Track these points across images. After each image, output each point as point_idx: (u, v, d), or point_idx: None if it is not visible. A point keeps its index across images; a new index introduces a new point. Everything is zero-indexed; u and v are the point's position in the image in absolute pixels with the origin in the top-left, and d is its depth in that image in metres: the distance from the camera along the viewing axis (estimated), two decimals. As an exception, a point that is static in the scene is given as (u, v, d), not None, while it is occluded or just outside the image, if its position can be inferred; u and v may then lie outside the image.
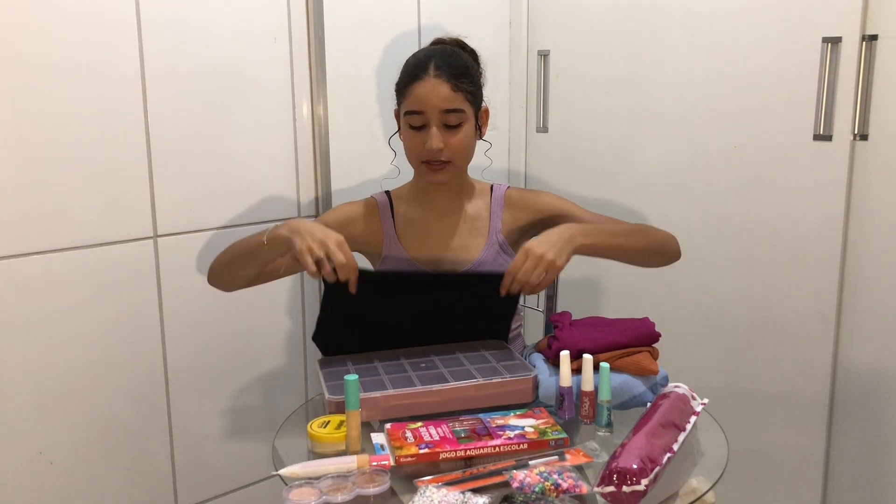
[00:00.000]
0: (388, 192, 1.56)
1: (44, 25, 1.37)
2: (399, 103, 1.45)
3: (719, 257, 1.83)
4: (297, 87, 1.72)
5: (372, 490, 1.04)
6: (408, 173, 1.55)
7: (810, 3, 1.62)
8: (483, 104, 1.47)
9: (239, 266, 1.41)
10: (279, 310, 1.76)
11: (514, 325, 1.61)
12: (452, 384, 1.26)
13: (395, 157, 1.56)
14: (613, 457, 1.04)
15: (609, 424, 1.22)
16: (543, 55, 2.07)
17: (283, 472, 1.08)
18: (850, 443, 1.71)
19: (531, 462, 1.09)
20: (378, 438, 1.17)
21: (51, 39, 1.38)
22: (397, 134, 1.50)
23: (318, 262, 1.24)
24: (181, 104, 1.55)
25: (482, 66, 1.50)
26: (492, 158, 1.67)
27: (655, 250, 1.46)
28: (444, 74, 1.38)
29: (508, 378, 1.28)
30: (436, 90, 1.37)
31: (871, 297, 1.65)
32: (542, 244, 1.29)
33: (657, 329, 1.35)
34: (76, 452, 1.50)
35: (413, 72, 1.40)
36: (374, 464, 1.09)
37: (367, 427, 1.22)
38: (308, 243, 1.24)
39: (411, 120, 1.40)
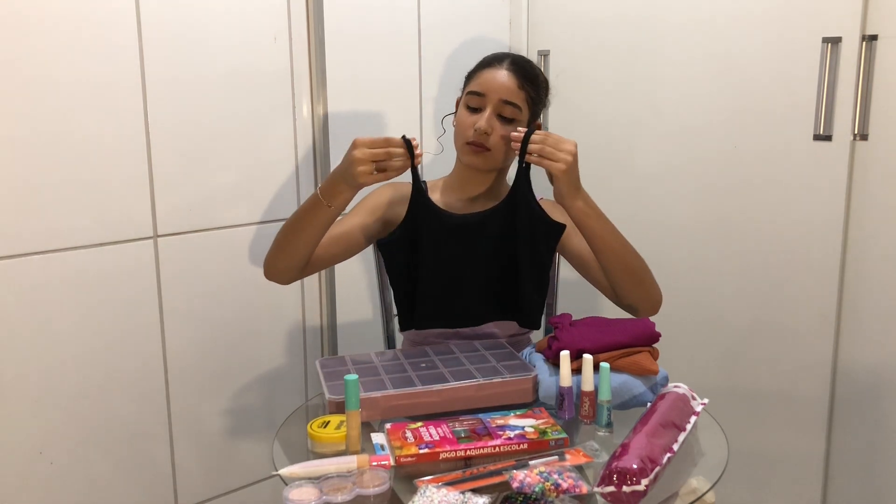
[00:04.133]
0: (424, 182, 1.56)
1: (44, 26, 1.36)
2: (464, 88, 1.50)
3: (719, 257, 1.83)
4: (297, 87, 1.72)
5: (372, 490, 1.04)
6: (448, 161, 1.55)
7: (810, 3, 1.62)
8: (538, 119, 1.52)
9: (298, 234, 1.38)
10: (279, 310, 1.76)
11: (524, 330, 1.61)
12: (452, 384, 1.26)
13: (444, 134, 1.56)
14: (613, 457, 1.04)
15: (609, 424, 1.22)
16: (543, 55, 2.07)
17: (283, 472, 1.08)
18: (850, 443, 1.71)
19: (531, 462, 1.09)
20: (378, 438, 1.17)
21: (51, 39, 1.37)
22: (450, 116, 1.54)
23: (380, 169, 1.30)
24: (181, 104, 1.55)
25: (550, 94, 1.55)
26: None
27: (639, 277, 1.42)
28: (514, 70, 1.45)
29: (508, 378, 1.28)
30: (503, 79, 1.44)
31: (871, 297, 1.65)
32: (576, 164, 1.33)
33: (657, 329, 1.35)
34: (76, 452, 1.50)
35: (489, 61, 1.48)
36: (374, 464, 1.09)
37: (367, 427, 1.22)
38: (358, 174, 1.28)
39: (470, 100, 1.45)
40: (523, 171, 1.39)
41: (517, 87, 1.43)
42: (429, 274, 1.43)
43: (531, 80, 1.46)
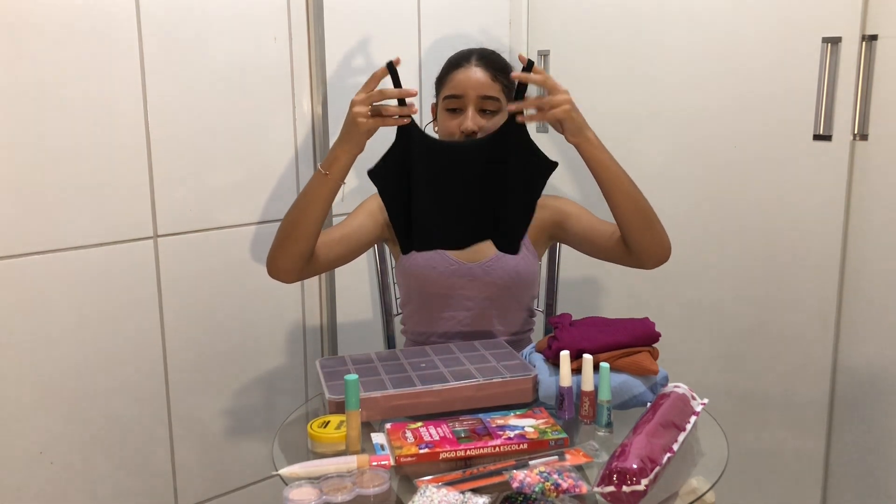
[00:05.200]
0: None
1: (44, 26, 1.36)
2: (438, 93, 1.52)
3: (719, 257, 1.83)
4: (297, 87, 1.72)
5: (372, 490, 1.04)
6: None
7: (810, 3, 1.62)
8: None
9: (299, 214, 1.37)
10: (279, 310, 1.76)
11: (526, 329, 1.61)
12: (452, 384, 1.26)
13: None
14: (613, 457, 1.04)
15: (609, 424, 1.22)
16: (543, 55, 2.07)
17: (283, 472, 1.08)
18: (850, 443, 1.71)
19: (531, 462, 1.09)
20: (378, 438, 1.17)
21: (51, 39, 1.37)
22: (431, 124, 1.54)
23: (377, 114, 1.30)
24: (181, 104, 1.55)
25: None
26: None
27: (649, 221, 1.41)
28: (483, 65, 1.47)
29: (508, 378, 1.28)
30: (476, 76, 1.46)
31: (871, 298, 1.65)
32: (574, 105, 1.33)
33: (657, 329, 1.34)
34: (76, 452, 1.50)
35: (456, 61, 1.49)
36: (374, 464, 1.09)
37: (367, 427, 1.22)
38: (355, 119, 1.29)
39: (449, 104, 1.47)
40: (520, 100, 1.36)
41: (491, 80, 1.45)
42: (419, 194, 1.38)
43: (502, 69, 1.48)
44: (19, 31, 1.34)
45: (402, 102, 1.32)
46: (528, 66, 1.34)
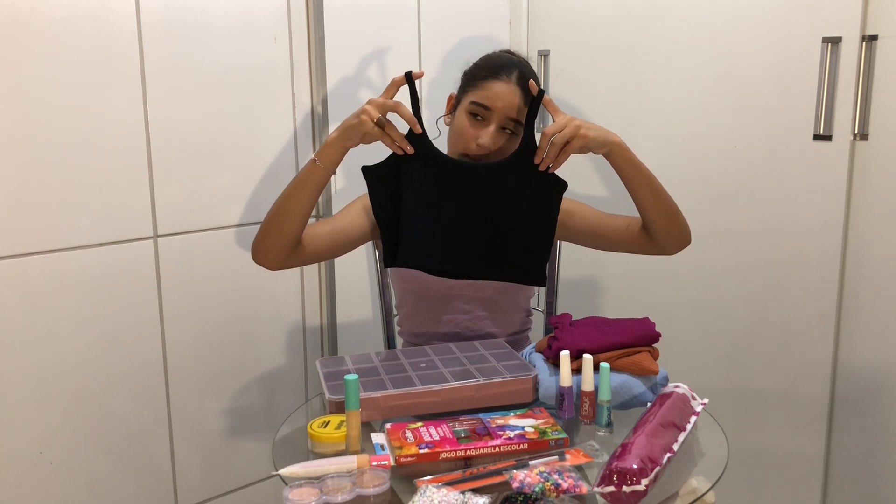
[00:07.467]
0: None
1: (44, 25, 1.37)
2: (465, 90, 1.46)
3: (719, 257, 1.83)
4: (298, 88, 1.72)
5: (372, 490, 1.04)
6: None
7: (810, 3, 1.62)
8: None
9: (287, 200, 1.35)
10: (279, 310, 1.76)
11: (524, 329, 1.61)
12: (453, 384, 1.26)
13: (439, 136, 1.53)
14: (613, 457, 1.04)
15: (609, 424, 1.22)
16: (543, 55, 2.07)
17: (283, 472, 1.08)
18: (850, 443, 1.71)
19: (531, 462, 1.09)
20: (378, 438, 1.17)
21: (51, 39, 1.38)
22: (443, 118, 1.51)
23: (379, 125, 1.27)
24: (181, 104, 1.55)
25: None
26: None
27: (674, 213, 1.42)
28: (521, 85, 1.41)
29: (508, 378, 1.28)
30: (513, 96, 1.40)
31: (871, 297, 1.65)
32: (581, 120, 1.31)
33: (657, 329, 1.35)
34: (76, 453, 1.50)
35: (497, 69, 1.43)
36: (374, 464, 1.09)
37: (367, 427, 1.22)
38: (361, 115, 1.27)
39: (474, 109, 1.42)
40: (530, 132, 1.35)
41: (523, 104, 1.41)
42: (416, 206, 1.35)
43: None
44: (19, 32, 1.34)
45: (410, 82, 1.30)
46: (539, 95, 1.32)
